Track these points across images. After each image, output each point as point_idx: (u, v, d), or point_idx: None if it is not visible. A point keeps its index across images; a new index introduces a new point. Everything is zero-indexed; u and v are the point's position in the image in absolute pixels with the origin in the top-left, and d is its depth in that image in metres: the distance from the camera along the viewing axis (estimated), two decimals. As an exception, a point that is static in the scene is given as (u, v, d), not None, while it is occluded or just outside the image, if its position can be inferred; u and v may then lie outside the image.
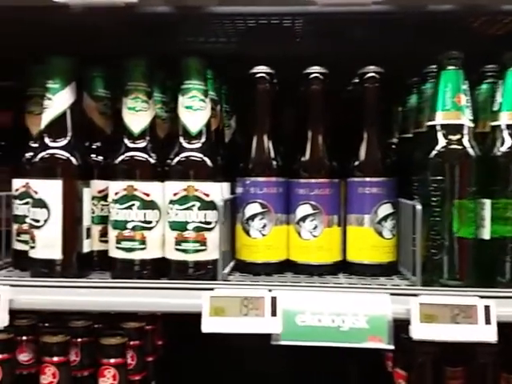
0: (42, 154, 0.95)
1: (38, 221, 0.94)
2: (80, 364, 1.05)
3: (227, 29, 1.13)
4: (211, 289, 0.86)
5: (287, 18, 1.06)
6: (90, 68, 1.08)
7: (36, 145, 1.03)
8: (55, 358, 0.97)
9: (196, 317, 0.87)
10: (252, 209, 1.02)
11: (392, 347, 0.82)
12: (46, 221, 0.94)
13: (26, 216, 1.04)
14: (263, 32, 1.12)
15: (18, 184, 1.06)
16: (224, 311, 0.83)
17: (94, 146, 1.07)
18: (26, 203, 1.04)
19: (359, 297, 0.85)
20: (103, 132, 1.09)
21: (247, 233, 1.02)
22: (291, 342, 0.83)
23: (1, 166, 1.13)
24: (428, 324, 0.82)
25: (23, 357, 1.06)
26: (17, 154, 1.09)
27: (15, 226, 1.06)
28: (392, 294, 0.85)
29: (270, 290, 0.86)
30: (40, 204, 0.94)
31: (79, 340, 1.05)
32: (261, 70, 1.05)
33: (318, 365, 1.31)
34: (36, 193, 0.94)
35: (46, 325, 1.11)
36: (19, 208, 1.05)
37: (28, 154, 1.05)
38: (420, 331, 0.82)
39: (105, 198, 1.05)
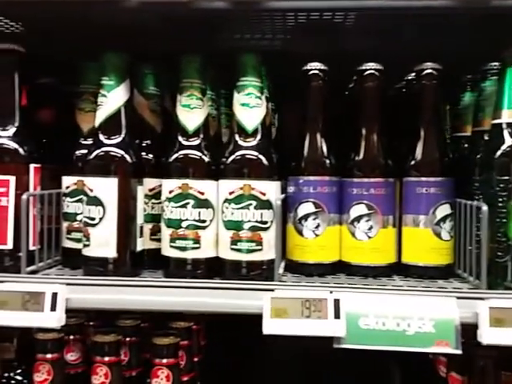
0: (98, 151, 0.94)
1: (93, 219, 0.93)
2: (128, 364, 1.05)
3: (276, 25, 1.11)
4: (271, 290, 0.85)
5: (339, 13, 1.04)
6: (141, 65, 1.07)
7: (88, 142, 1.03)
8: (107, 358, 0.97)
9: (235, 317, 0.86)
10: (305, 208, 1.00)
11: (460, 352, 0.80)
12: (101, 219, 0.93)
13: (76, 214, 1.04)
14: (312, 28, 1.11)
15: (68, 181, 1.05)
16: (286, 313, 0.81)
17: (143, 144, 1.06)
18: (78, 201, 1.03)
19: (424, 300, 0.83)
20: (153, 130, 1.08)
21: (300, 233, 1.01)
22: (355, 346, 0.81)
23: (45, 164, 1.12)
24: (497, 328, 0.79)
25: (70, 356, 1.06)
26: (63, 151, 1.08)
27: (65, 224, 1.05)
28: (458, 298, 0.83)
29: (331, 292, 0.84)
30: (95, 202, 0.93)
31: (128, 339, 1.05)
32: (314, 66, 1.03)
33: (360, 366, 1.29)
34: (91, 190, 0.93)
35: (92, 324, 1.12)
36: (70, 206, 1.04)
37: (79, 152, 1.05)
38: (490, 336, 0.79)
39: (155, 196, 1.04)
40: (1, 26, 1.08)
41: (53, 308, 0.84)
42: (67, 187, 1.05)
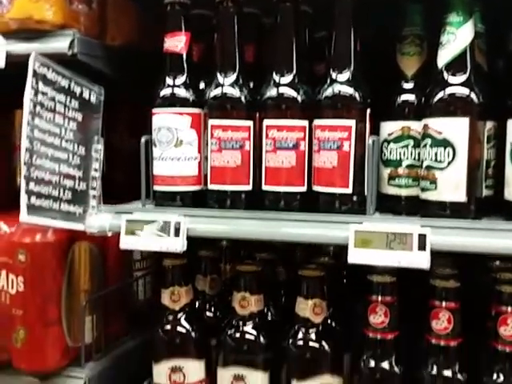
0: (446, 91, 0.91)
1: (440, 162, 0.91)
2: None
3: None
4: None
5: None
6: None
7: (410, 86, 1.02)
8: (445, 304, 0.96)
9: None
10: None
11: None
12: (450, 162, 0.90)
13: (401, 160, 1.03)
14: None
15: (391, 127, 1.04)
16: None
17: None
18: (404, 147, 1.02)
19: None
20: (481, 69, 1.02)
21: None
22: None
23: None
24: None
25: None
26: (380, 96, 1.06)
27: (387, 170, 1.05)
28: None
29: None
30: (444, 144, 0.90)
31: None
32: None
33: None
34: (439, 133, 0.91)
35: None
36: (393, 152, 1.04)
37: (404, 97, 1.03)
38: None
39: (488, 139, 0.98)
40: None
41: (421, 247, 0.85)
42: (390, 133, 1.04)
